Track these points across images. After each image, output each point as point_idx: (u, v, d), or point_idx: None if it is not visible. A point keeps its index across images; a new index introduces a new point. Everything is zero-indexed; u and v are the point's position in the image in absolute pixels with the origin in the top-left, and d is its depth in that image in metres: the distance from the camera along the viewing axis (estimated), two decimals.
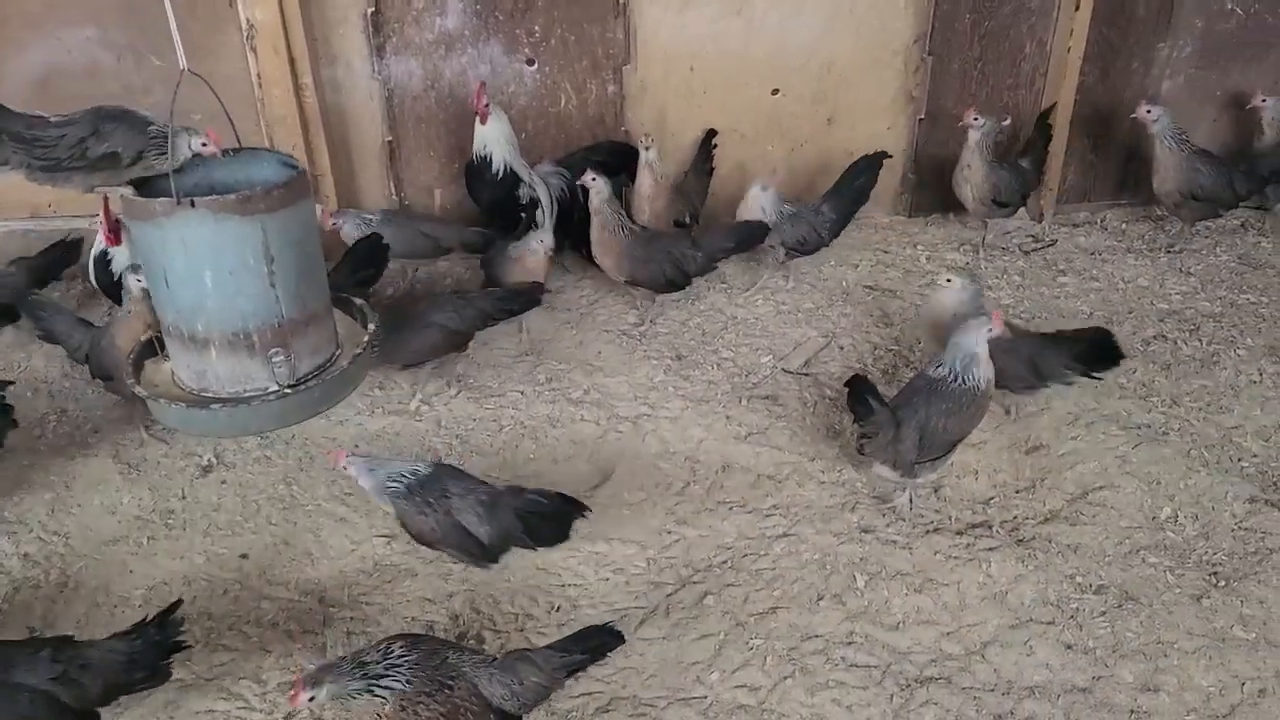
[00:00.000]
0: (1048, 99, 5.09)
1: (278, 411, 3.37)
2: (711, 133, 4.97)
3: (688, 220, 4.86)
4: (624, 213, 4.44)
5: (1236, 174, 4.85)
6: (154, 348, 3.58)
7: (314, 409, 3.47)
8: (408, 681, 2.61)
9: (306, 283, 3.35)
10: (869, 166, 4.77)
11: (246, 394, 3.34)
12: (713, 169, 5.01)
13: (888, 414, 3.47)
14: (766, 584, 3.34)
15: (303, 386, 3.38)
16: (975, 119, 4.70)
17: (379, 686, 2.59)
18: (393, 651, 2.66)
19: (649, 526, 3.60)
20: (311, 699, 2.54)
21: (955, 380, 3.43)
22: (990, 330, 3.40)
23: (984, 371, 3.43)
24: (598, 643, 2.83)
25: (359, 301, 3.78)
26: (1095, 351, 3.75)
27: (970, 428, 3.52)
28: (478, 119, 4.52)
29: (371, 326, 3.65)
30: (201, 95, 4.45)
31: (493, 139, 4.53)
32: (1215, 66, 5.15)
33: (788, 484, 3.75)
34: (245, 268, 3.17)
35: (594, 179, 4.28)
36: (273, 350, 3.29)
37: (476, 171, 4.58)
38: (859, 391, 3.48)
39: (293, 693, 2.54)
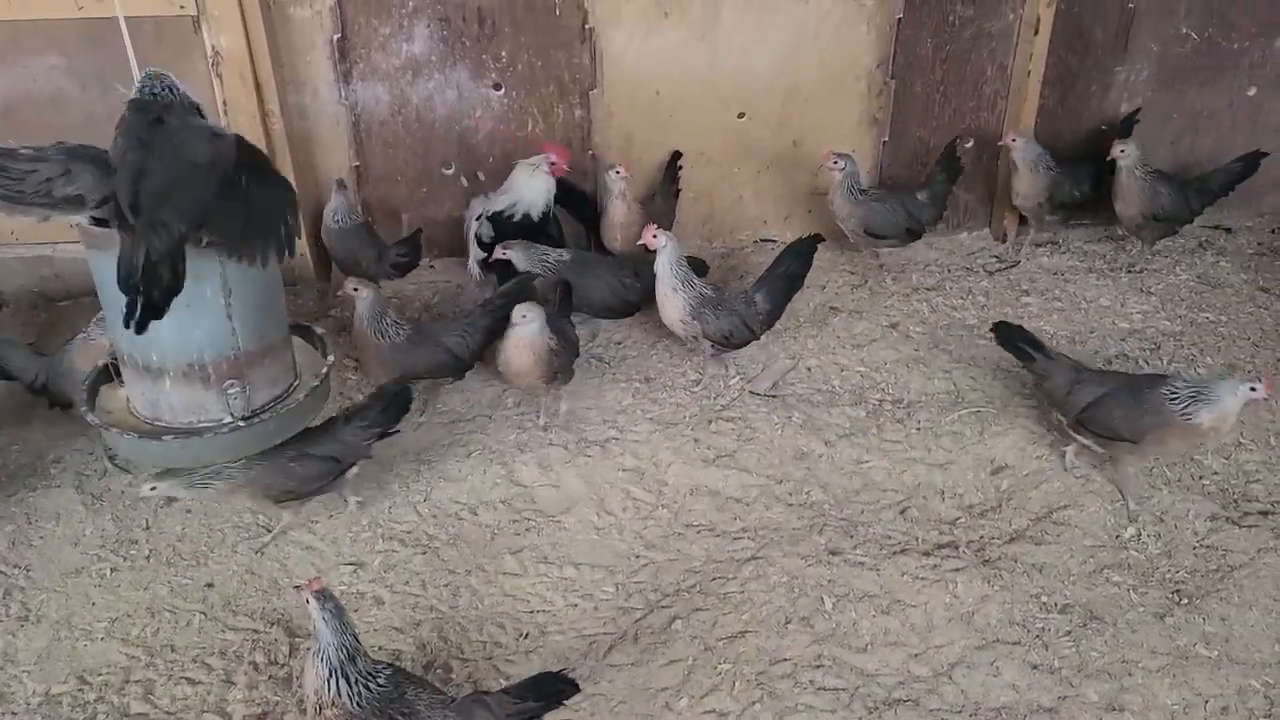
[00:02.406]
0: (1009, 121, 5.16)
1: (231, 443, 3.35)
2: (677, 154, 5.00)
3: None
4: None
5: (1190, 192, 4.95)
6: (110, 373, 3.55)
7: (268, 441, 3.45)
8: (358, 704, 2.62)
9: (265, 315, 3.33)
10: (803, 253, 4.38)
11: (200, 425, 3.31)
12: (679, 190, 5.04)
13: (1057, 366, 3.77)
14: (735, 607, 3.35)
15: (257, 419, 3.36)
16: (835, 161, 4.71)
17: (338, 683, 2.64)
18: (377, 674, 2.70)
19: (617, 551, 3.61)
20: (309, 602, 2.68)
21: (1175, 400, 3.47)
22: (1255, 391, 3.39)
23: (1206, 418, 3.43)
24: (553, 690, 2.80)
25: (319, 331, 3.78)
26: None
27: (1139, 437, 3.57)
28: (541, 171, 4.55)
29: (330, 358, 3.64)
30: None
31: (545, 193, 4.59)
32: (1172, 89, 5.25)
33: (755, 507, 3.76)
34: (202, 300, 3.14)
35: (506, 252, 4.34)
36: (228, 382, 3.28)
37: (513, 222, 4.60)
38: (1010, 340, 3.88)
39: (312, 583, 2.71)
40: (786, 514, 3.73)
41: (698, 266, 4.57)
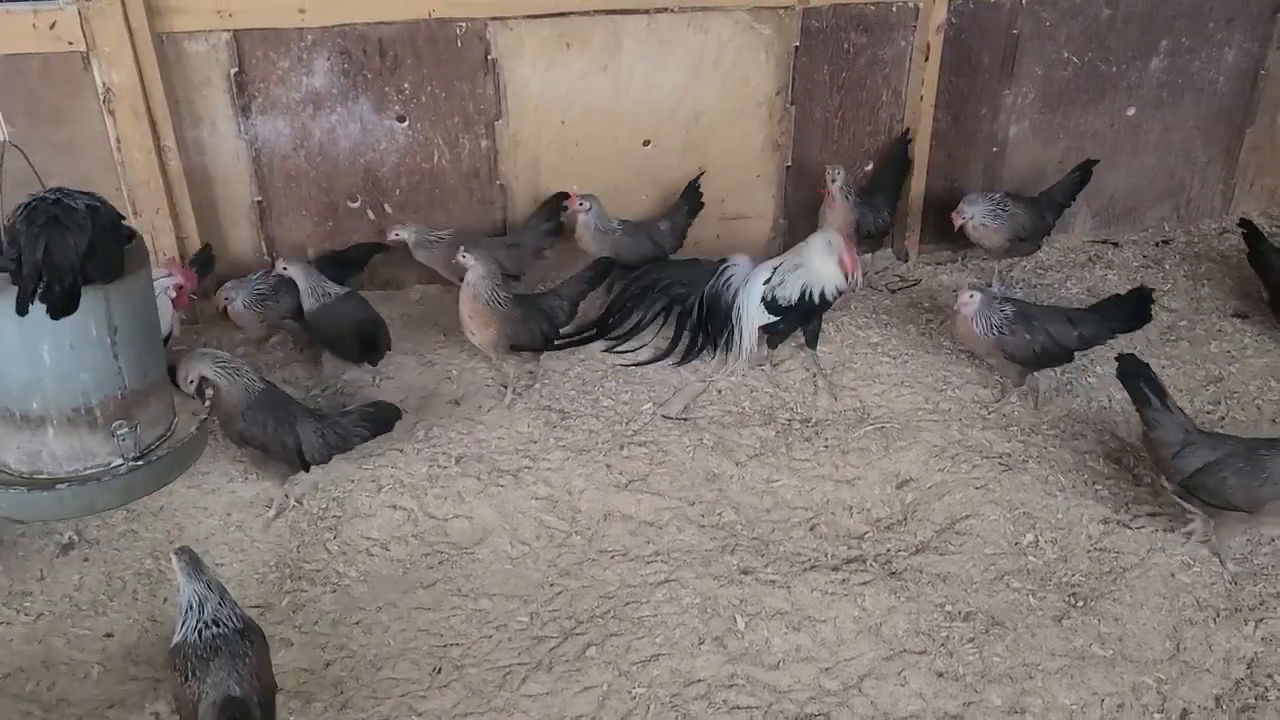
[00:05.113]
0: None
1: (125, 487, 3.23)
2: (562, 195, 4.99)
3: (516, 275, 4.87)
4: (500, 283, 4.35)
5: (1042, 207, 5.14)
6: None
7: (163, 480, 3.34)
8: (190, 644, 2.81)
9: (148, 351, 3.25)
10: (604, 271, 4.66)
11: (90, 471, 3.20)
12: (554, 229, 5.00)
13: (1171, 420, 3.55)
14: (649, 631, 3.37)
15: (153, 457, 3.26)
16: (581, 204, 4.80)
17: (192, 614, 2.85)
18: (222, 624, 2.86)
19: (531, 580, 3.60)
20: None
21: None
22: None
23: None
24: None
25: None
26: None
27: (1255, 508, 3.40)
28: (835, 263, 4.40)
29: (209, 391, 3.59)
30: (61, 162, 4.35)
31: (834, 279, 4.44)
32: (1057, 111, 5.48)
33: (668, 530, 3.79)
34: (87, 340, 3.04)
35: (466, 255, 4.25)
36: (117, 423, 3.19)
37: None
38: (1132, 376, 3.67)
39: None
40: (699, 535, 3.77)
41: None
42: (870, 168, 5.43)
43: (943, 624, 3.39)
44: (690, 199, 5.08)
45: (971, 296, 4.21)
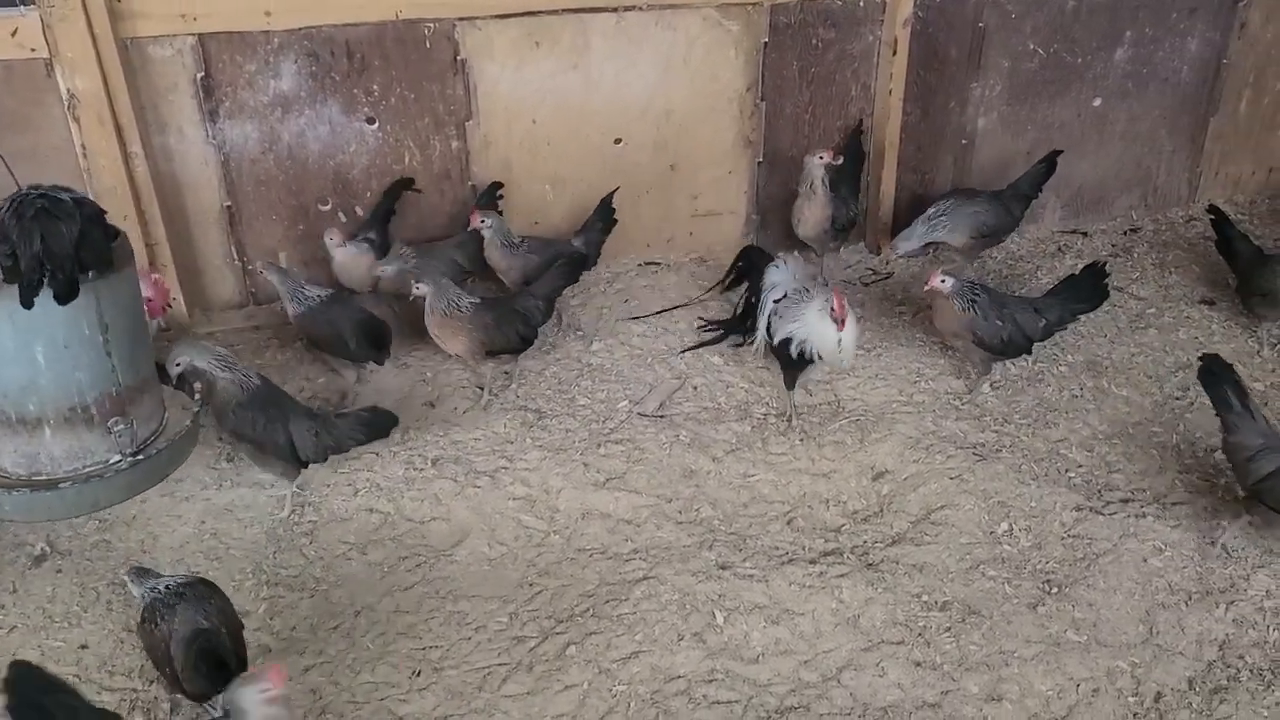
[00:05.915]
0: (875, 138, 5.36)
1: (127, 482, 3.29)
2: (497, 184, 5.00)
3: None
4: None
5: (1007, 200, 5.16)
6: None
7: (163, 473, 3.41)
8: (157, 598, 2.95)
9: (138, 347, 3.29)
10: (576, 264, 4.72)
11: (89, 469, 3.22)
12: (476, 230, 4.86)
13: (1252, 426, 3.43)
14: (628, 628, 3.37)
15: (151, 451, 3.30)
16: (483, 221, 4.69)
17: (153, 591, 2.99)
18: (193, 579, 3.05)
19: (510, 580, 3.60)
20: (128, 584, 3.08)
21: None
22: None
23: None
24: None
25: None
26: None
27: None
28: (829, 319, 4.10)
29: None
30: (26, 170, 4.30)
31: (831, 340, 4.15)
32: (1024, 103, 5.52)
33: (646, 527, 3.80)
34: (81, 339, 3.09)
35: (417, 286, 4.26)
36: (113, 420, 3.21)
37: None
38: (1214, 378, 3.53)
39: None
40: (677, 532, 3.78)
41: None
42: (841, 161, 5.45)
43: (920, 614, 3.41)
44: (604, 214, 5.01)
45: (943, 281, 4.25)
